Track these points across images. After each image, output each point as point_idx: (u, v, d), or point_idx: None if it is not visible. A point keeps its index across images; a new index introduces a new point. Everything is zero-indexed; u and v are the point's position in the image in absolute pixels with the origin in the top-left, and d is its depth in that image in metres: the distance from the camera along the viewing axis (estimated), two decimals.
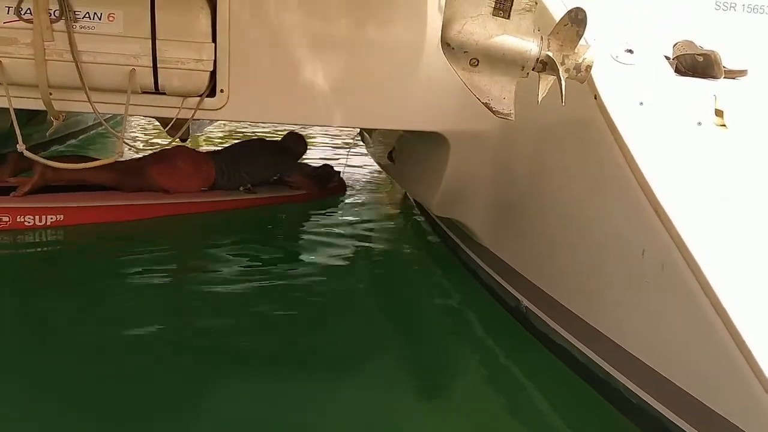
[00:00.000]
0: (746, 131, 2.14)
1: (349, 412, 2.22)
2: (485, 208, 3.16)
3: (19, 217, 3.78)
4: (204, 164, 4.63)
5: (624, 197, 2.07)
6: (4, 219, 3.73)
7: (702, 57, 2.32)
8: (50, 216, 3.83)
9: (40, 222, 3.81)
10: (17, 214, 3.78)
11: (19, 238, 3.72)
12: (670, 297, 1.91)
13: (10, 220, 3.76)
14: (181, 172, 4.46)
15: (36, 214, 3.81)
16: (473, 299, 3.21)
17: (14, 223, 3.77)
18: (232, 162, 4.70)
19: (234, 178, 4.66)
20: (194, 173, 4.53)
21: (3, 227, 3.73)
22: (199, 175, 4.55)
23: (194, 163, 4.61)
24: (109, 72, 2.40)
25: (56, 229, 3.83)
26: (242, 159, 4.77)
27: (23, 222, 3.79)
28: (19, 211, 3.79)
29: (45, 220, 3.82)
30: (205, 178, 4.57)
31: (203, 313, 2.96)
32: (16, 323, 2.75)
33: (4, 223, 3.74)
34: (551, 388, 2.40)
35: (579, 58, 1.72)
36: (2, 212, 3.74)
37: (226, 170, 4.64)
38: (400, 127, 3.20)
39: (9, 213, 3.76)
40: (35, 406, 2.13)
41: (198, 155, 4.80)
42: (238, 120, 5.40)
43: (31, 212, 3.80)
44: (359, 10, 2.69)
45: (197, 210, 4.41)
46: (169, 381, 2.32)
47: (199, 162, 4.65)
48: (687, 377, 1.87)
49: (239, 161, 4.73)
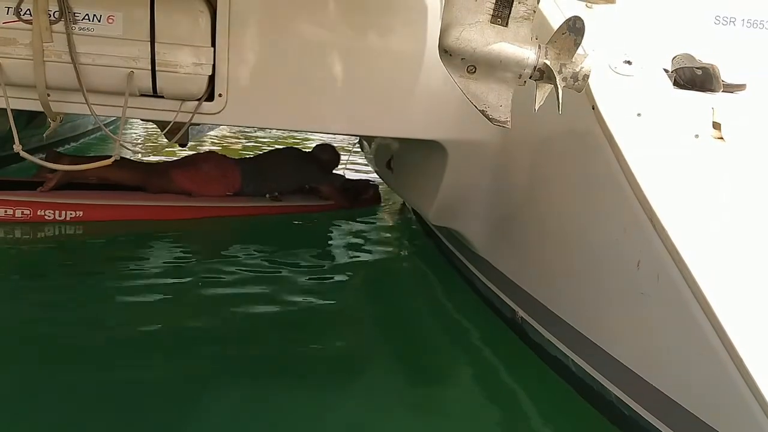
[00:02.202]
0: (743, 145, 2.13)
1: (344, 422, 2.21)
2: (482, 218, 3.16)
3: (39, 211, 4.01)
4: (230, 170, 4.66)
5: (620, 208, 2.07)
6: (25, 212, 3.98)
7: (701, 70, 2.33)
8: (69, 212, 4.06)
9: (59, 216, 4.04)
10: (38, 208, 4.00)
11: (37, 232, 3.90)
12: (665, 309, 1.90)
13: (31, 214, 3.99)
14: (205, 176, 4.52)
15: (56, 209, 4.03)
16: (469, 309, 3.20)
17: (35, 216, 4.00)
18: (259, 169, 4.73)
19: (261, 185, 4.68)
20: (218, 178, 4.57)
21: (24, 220, 3.98)
22: (223, 180, 4.59)
23: (220, 168, 4.64)
24: (108, 74, 2.39)
25: (74, 225, 4.04)
26: (269, 167, 4.80)
27: (43, 216, 4.02)
28: (39, 205, 4.01)
29: (64, 215, 4.05)
30: (231, 184, 4.61)
31: (200, 317, 2.95)
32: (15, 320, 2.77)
33: (25, 216, 3.98)
34: (546, 399, 2.40)
35: (576, 67, 1.72)
36: (24, 205, 3.97)
37: (253, 177, 4.67)
38: (398, 135, 3.19)
39: (30, 207, 3.99)
40: (33, 405, 2.14)
41: (225, 161, 4.82)
42: (235, 125, 5.41)
43: (51, 207, 4.03)
44: (359, 18, 2.69)
45: (218, 214, 4.47)
46: (161, 385, 2.31)
47: (225, 167, 4.68)
48: (680, 389, 1.85)
49: (266, 169, 4.77)
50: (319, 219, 4.74)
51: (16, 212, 3.96)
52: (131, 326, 2.78)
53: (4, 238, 3.76)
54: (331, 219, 4.74)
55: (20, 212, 3.96)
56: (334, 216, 4.77)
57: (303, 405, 2.26)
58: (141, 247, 3.82)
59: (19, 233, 3.85)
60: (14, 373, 2.32)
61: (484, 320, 3.04)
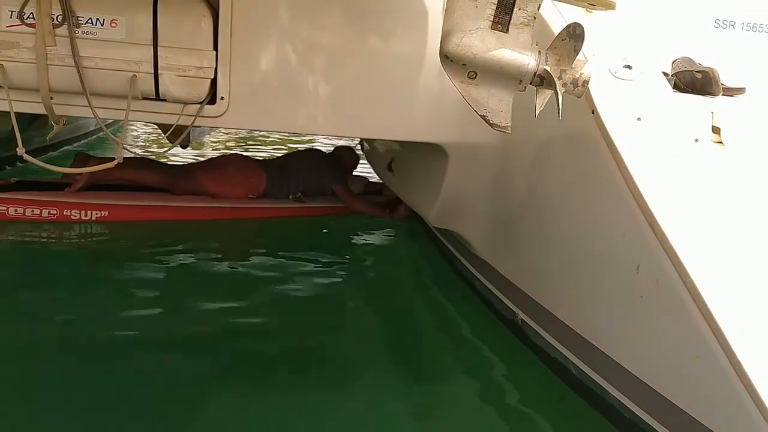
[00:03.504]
0: (743, 149, 2.14)
1: (344, 424, 2.23)
2: (483, 221, 3.17)
3: (65, 211, 4.10)
4: (255, 173, 4.69)
5: (620, 212, 2.07)
6: (52, 212, 4.07)
7: (700, 74, 2.33)
8: (95, 212, 4.15)
9: (85, 216, 4.13)
10: (64, 208, 4.09)
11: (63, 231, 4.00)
12: (664, 312, 1.91)
13: (58, 213, 4.08)
14: (230, 179, 4.56)
15: (81, 209, 4.12)
16: (470, 311, 3.22)
17: (61, 216, 4.08)
18: (282, 171, 4.75)
19: (283, 186, 4.71)
20: (243, 181, 4.61)
21: (51, 219, 4.06)
22: (247, 183, 4.62)
23: (245, 171, 4.68)
24: (111, 77, 2.41)
25: (100, 224, 4.13)
26: (291, 168, 4.81)
27: (69, 215, 4.10)
28: (65, 205, 4.09)
29: (90, 215, 4.14)
30: (255, 187, 4.65)
31: (202, 317, 2.98)
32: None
33: (51, 215, 4.07)
34: (546, 401, 2.41)
35: (576, 72, 1.73)
36: (50, 205, 4.06)
37: (278, 179, 4.69)
38: (399, 137, 3.20)
39: (57, 206, 4.08)
40: (34, 399, 2.16)
41: (251, 164, 4.85)
42: (237, 128, 5.43)
43: (77, 207, 4.12)
44: (360, 21, 2.70)
45: (240, 216, 4.53)
46: (164, 385, 2.33)
47: (250, 171, 4.71)
48: (679, 392, 1.87)
49: (289, 170, 4.78)
50: (329, 221, 4.74)
51: (42, 212, 4.04)
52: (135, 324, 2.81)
53: (32, 238, 3.84)
54: (342, 220, 4.74)
55: (47, 212, 4.04)
56: (352, 217, 4.78)
57: (305, 405, 2.28)
58: (160, 246, 3.86)
59: (46, 233, 3.92)
60: (18, 371, 2.34)
61: (485, 322, 3.05)
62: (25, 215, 4.01)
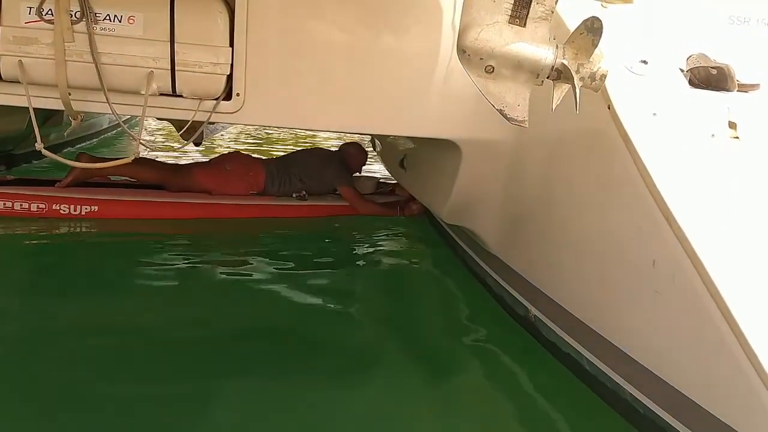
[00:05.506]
0: (759, 144, 2.14)
1: (355, 420, 2.22)
2: (496, 217, 3.17)
3: (54, 206, 4.04)
4: (253, 169, 4.66)
5: (636, 207, 2.07)
6: (41, 206, 4.02)
7: (715, 70, 2.33)
8: (85, 207, 4.09)
9: (75, 211, 4.07)
10: (53, 203, 4.04)
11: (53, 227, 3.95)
12: (680, 308, 1.91)
13: (47, 208, 4.03)
14: (226, 175, 4.52)
15: (71, 204, 4.06)
16: (482, 307, 3.22)
17: (50, 210, 4.03)
18: (283, 169, 4.71)
19: (285, 184, 4.67)
20: (240, 177, 4.56)
21: (39, 214, 4.02)
22: (245, 179, 4.58)
23: (242, 167, 4.64)
24: (128, 74, 2.42)
25: (90, 220, 4.08)
26: (294, 166, 4.77)
27: (59, 210, 4.05)
28: (54, 200, 4.05)
29: (80, 210, 4.08)
30: (253, 183, 4.61)
31: (206, 316, 2.97)
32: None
33: (40, 210, 4.02)
34: (559, 396, 2.40)
35: (594, 66, 1.73)
36: (39, 200, 4.03)
37: (278, 177, 4.65)
38: (412, 134, 3.21)
39: (45, 201, 4.04)
40: (33, 398, 2.16)
41: (249, 160, 4.82)
42: (252, 124, 5.45)
43: (66, 201, 4.06)
44: (374, 18, 2.71)
45: (238, 214, 4.46)
46: (170, 382, 2.33)
47: (247, 167, 4.67)
48: (696, 388, 1.86)
49: (291, 168, 4.74)
50: (336, 219, 4.73)
51: (31, 206, 4.00)
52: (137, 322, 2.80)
53: (20, 232, 3.82)
54: (350, 217, 4.74)
55: (36, 206, 4.00)
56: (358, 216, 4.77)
57: (315, 403, 2.28)
58: (152, 243, 3.84)
59: (35, 228, 3.88)
60: (16, 369, 2.34)
61: (497, 318, 3.05)
62: (14, 209, 3.99)
